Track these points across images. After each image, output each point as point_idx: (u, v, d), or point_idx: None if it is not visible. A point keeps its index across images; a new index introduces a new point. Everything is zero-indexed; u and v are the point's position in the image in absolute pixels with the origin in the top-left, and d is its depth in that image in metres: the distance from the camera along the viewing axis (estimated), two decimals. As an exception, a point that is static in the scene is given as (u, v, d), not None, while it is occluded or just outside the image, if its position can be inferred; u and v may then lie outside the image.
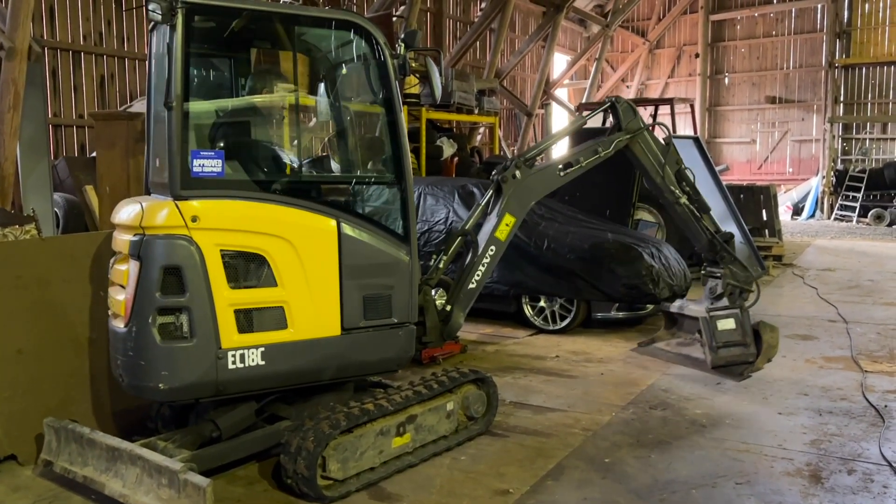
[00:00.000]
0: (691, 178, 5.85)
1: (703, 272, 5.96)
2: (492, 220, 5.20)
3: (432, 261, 5.11)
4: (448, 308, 4.94)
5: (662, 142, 5.93)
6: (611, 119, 5.96)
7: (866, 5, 22.44)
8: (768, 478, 4.13)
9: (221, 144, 4.22)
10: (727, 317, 5.51)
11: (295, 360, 4.00)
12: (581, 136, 12.88)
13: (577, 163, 5.52)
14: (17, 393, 4.24)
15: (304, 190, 4.25)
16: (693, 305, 6.04)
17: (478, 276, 5.06)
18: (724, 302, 5.68)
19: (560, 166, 5.50)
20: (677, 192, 5.78)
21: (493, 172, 5.34)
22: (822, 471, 4.22)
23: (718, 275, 5.73)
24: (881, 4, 22.23)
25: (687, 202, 5.81)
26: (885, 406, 5.28)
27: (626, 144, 5.78)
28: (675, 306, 6.27)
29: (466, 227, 5.23)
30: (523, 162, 5.32)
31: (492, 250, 5.11)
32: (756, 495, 3.92)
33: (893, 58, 21.93)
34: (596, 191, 9.20)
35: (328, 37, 4.54)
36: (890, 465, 4.27)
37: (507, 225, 5.18)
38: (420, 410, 4.32)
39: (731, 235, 5.93)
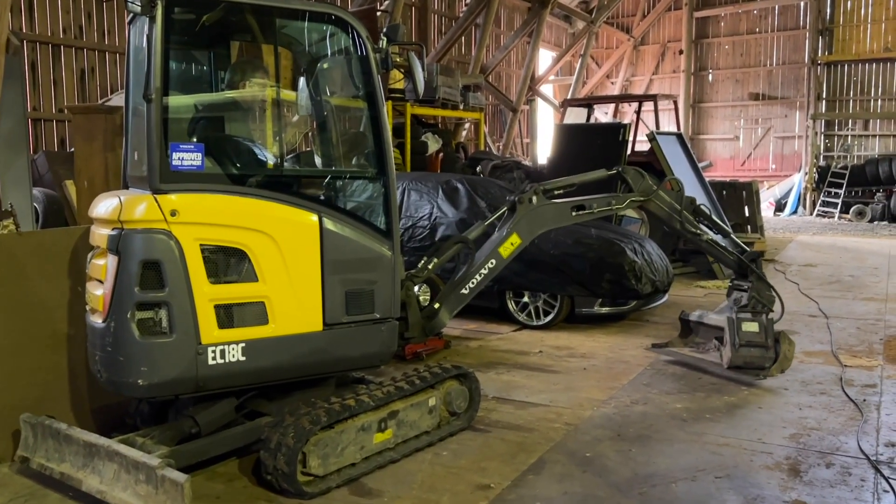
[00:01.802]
0: (707, 211, 6.00)
1: (730, 283, 6.08)
2: (500, 234, 5.28)
3: (421, 262, 5.10)
4: (436, 306, 4.94)
5: (672, 187, 6.04)
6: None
7: (848, 3, 22.63)
8: (747, 471, 4.16)
9: (201, 138, 4.18)
10: (753, 320, 5.64)
11: (276, 355, 3.98)
12: (564, 132, 12.94)
13: (590, 208, 5.64)
14: (-7, 389, 4.19)
15: (286, 184, 4.21)
16: (714, 315, 6.19)
17: (472, 283, 5.10)
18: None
19: (574, 206, 5.60)
20: (698, 230, 5.94)
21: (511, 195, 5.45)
22: (801, 464, 4.26)
23: (745, 287, 5.85)
24: (863, 2, 22.43)
25: (710, 237, 5.95)
26: (864, 400, 5.33)
27: (640, 205, 5.95)
28: (694, 315, 6.39)
29: (469, 237, 5.27)
30: (543, 191, 5.43)
31: (492, 263, 5.17)
32: (735, 489, 3.94)
33: (875, 55, 22.14)
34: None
35: (310, 30, 4.51)
36: (868, 458, 4.31)
37: (511, 244, 5.24)
38: (402, 406, 4.30)
39: (758, 254, 6.06)
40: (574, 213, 5.61)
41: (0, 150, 7.99)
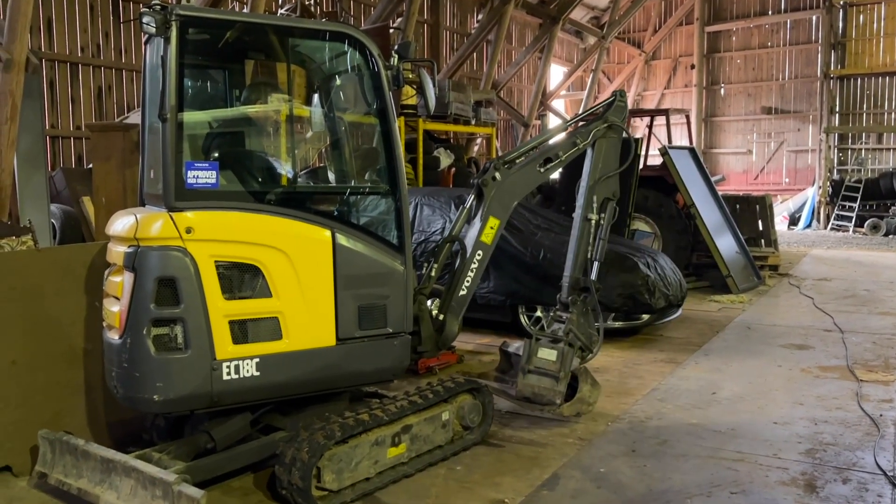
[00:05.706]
0: (614, 213, 5.52)
1: (550, 315, 5.55)
2: (476, 224, 5.14)
3: (424, 270, 5.11)
4: (441, 317, 4.93)
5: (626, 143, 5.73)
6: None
7: (861, 17, 22.56)
8: (763, 487, 4.13)
9: (216, 156, 4.23)
10: (552, 347, 5.03)
11: (290, 370, 4.00)
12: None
13: (557, 157, 5.38)
14: (10, 404, 4.23)
15: (299, 200, 4.26)
16: None
17: (468, 282, 5.03)
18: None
19: (539, 162, 5.38)
20: (594, 207, 5.42)
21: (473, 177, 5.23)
22: (817, 480, 4.23)
23: (564, 319, 5.28)
24: (875, 16, 22.35)
25: (593, 225, 5.42)
26: (881, 415, 5.28)
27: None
28: (513, 347, 5.66)
29: (453, 233, 5.18)
30: (503, 163, 5.23)
31: (479, 255, 5.07)
32: (751, 505, 3.92)
33: (888, 68, 22.04)
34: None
35: (322, 48, 4.57)
36: (885, 473, 4.27)
37: (491, 228, 5.12)
38: (415, 420, 4.31)
39: (600, 288, 5.45)
40: (542, 170, 5.36)
41: (19, 166, 8.11)
